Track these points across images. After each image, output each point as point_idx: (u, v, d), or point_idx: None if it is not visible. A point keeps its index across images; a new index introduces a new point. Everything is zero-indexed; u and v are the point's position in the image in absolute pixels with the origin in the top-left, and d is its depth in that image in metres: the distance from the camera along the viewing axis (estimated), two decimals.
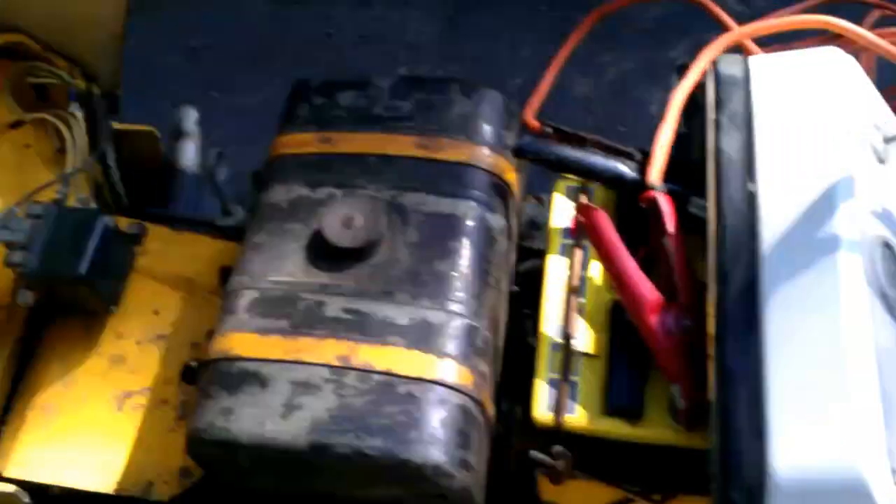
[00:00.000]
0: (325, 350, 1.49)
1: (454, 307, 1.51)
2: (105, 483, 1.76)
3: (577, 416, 1.48)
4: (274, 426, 1.44)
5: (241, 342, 1.54)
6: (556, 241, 1.64)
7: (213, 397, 1.50)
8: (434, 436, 1.42)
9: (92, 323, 1.92)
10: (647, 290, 1.44)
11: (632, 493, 1.56)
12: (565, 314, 1.55)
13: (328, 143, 1.69)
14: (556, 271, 1.61)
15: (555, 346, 1.54)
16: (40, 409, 1.83)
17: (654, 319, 1.43)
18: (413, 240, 1.57)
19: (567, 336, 1.53)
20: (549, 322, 1.56)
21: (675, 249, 1.48)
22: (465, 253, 1.57)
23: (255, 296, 1.57)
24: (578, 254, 1.61)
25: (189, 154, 2.04)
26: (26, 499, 1.76)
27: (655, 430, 1.46)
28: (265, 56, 3.32)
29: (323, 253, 1.58)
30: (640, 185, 1.53)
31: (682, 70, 1.58)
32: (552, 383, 1.50)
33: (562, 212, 1.67)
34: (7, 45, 1.93)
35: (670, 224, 1.50)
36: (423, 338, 1.49)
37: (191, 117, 2.01)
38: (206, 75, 3.22)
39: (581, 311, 1.56)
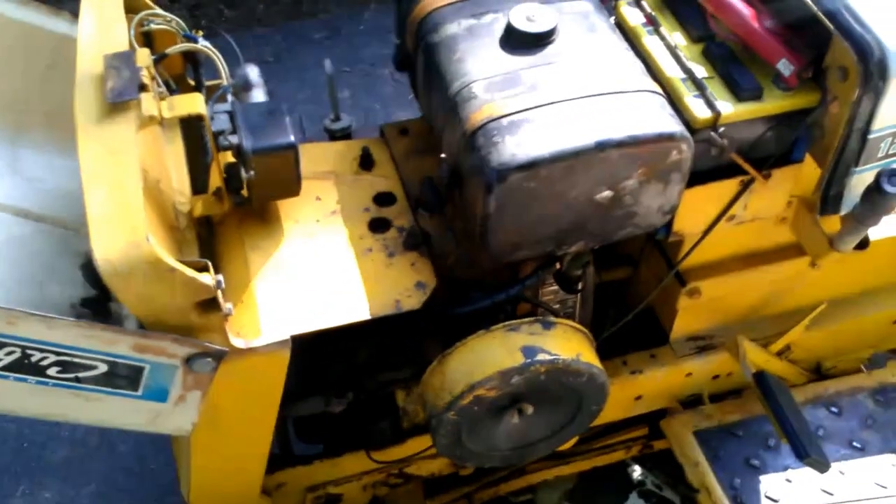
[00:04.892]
0: (563, 95, 2.00)
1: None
2: (360, 313, 2.03)
3: (724, 111, 2.11)
4: (562, 140, 1.91)
5: (496, 108, 1.98)
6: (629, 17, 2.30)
7: (499, 143, 1.92)
8: (673, 118, 2.00)
9: (267, 218, 2.18)
10: (743, 7, 2.16)
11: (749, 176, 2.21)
12: (676, 57, 2.19)
13: None
14: (633, 18, 2.29)
15: (683, 79, 2.17)
16: (265, 289, 2.06)
17: (755, 24, 2.14)
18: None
19: (689, 70, 2.17)
20: (666, 66, 2.19)
21: None
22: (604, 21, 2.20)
23: (484, 85, 2.03)
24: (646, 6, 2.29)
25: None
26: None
27: (774, 101, 2.14)
28: None
29: (516, 44, 2.08)
30: None
31: None
32: (696, 97, 2.13)
33: None
34: None
35: None
36: (617, 66, 2.06)
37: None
38: None
39: (679, 49, 2.21)
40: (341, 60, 5.29)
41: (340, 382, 2.33)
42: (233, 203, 2.11)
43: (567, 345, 2.16)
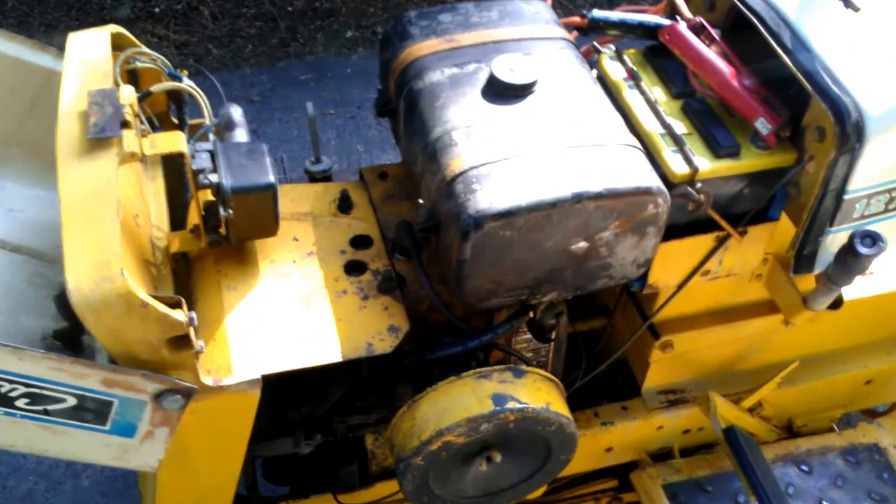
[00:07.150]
0: (542, 146, 2.02)
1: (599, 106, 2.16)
2: (331, 355, 2.02)
3: (702, 167, 2.14)
4: (539, 191, 1.93)
5: (475, 156, 2.00)
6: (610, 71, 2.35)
7: (477, 191, 1.93)
8: (650, 172, 2.02)
9: (244, 257, 2.18)
10: (723, 66, 2.19)
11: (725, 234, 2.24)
12: (655, 111, 2.22)
13: (452, 41, 2.25)
14: (615, 72, 2.32)
15: (662, 134, 2.20)
16: (238, 328, 2.06)
17: (734, 82, 2.18)
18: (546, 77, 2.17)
19: (668, 125, 2.20)
20: (645, 120, 2.22)
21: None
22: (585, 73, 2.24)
23: (465, 133, 2.04)
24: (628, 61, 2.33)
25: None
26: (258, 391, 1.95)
27: (752, 159, 2.17)
28: None
29: (497, 94, 2.11)
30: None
31: None
32: (673, 152, 2.15)
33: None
34: None
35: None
36: (596, 118, 2.08)
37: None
38: None
39: (658, 104, 2.24)
40: (327, 102, 5.38)
41: (309, 424, 2.32)
42: (210, 241, 2.11)
43: (537, 394, 2.17)
